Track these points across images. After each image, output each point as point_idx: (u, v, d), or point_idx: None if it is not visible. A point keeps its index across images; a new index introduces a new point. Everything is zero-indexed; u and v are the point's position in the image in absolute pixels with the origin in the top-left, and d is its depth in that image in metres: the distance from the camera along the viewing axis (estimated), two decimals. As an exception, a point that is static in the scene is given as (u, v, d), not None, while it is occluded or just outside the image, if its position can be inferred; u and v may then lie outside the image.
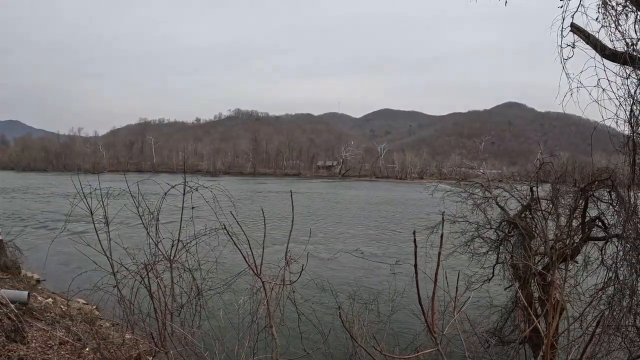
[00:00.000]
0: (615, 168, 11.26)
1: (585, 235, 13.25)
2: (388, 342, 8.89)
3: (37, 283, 21.61)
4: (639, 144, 8.23)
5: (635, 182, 8.52)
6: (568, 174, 14.37)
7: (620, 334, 9.05)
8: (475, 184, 16.36)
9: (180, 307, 6.61)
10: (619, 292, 9.21)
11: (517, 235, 14.51)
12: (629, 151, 8.29)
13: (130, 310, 6.53)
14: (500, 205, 15.35)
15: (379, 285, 20.49)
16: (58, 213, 47.86)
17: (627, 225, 9.15)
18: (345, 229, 45.93)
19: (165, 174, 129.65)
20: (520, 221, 14.39)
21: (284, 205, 63.93)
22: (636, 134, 8.15)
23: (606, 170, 12.26)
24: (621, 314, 9.08)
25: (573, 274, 13.32)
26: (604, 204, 13.06)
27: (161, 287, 6.37)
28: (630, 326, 9.02)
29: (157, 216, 6.72)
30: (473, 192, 15.71)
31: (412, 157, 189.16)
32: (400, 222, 52.09)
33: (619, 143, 8.48)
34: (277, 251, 5.95)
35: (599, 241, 13.05)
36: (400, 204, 76.11)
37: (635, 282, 9.03)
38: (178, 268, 6.68)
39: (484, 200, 15.53)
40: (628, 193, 9.10)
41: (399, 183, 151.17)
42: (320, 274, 21.31)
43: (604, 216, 13.10)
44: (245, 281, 6.14)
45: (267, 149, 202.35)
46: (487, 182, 16.18)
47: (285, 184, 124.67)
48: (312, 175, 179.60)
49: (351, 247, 34.78)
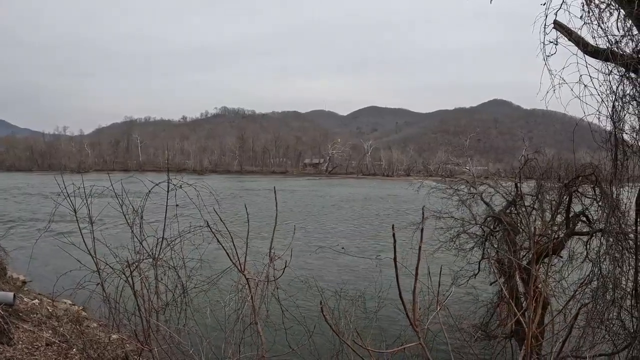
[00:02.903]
0: (598, 164, 11.37)
1: (570, 230, 13.38)
2: (375, 337, 8.91)
3: (24, 284, 21.45)
4: (621, 140, 8.32)
5: (618, 177, 8.62)
6: (553, 170, 14.48)
7: (605, 327, 9.15)
8: (461, 181, 16.46)
9: (165, 305, 6.58)
10: (602, 285, 9.30)
11: (502, 231, 14.61)
12: (611, 147, 8.38)
13: (116, 309, 6.49)
14: (486, 201, 15.46)
15: (364, 281, 20.53)
16: (43, 213, 47.45)
17: (610, 220, 9.25)
18: (330, 225, 46.09)
19: (152, 172, 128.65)
20: (505, 217, 14.50)
21: (271, 203, 63.83)
22: (618, 130, 8.24)
23: (590, 166, 12.39)
24: (604, 307, 9.18)
25: (559, 268, 13.45)
26: (588, 200, 13.21)
27: (146, 286, 6.34)
28: (614, 319, 9.11)
29: (141, 214, 6.68)
30: (458, 189, 15.81)
31: (399, 154, 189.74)
32: (386, 218, 52.35)
33: (601, 139, 8.57)
34: (262, 248, 5.96)
35: (584, 236, 13.18)
36: (387, 200, 76.35)
37: (619, 275, 9.12)
38: (163, 266, 6.66)
39: (470, 197, 15.64)
40: (610, 188, 9.19)
41: (385, 180, 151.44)
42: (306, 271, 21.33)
43: (588, 211, 13.24)
44: (230, 278, 6.12)
45: (254, 146, 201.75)
46: (472, 179, 16.29)
47: (271, 182, 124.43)
48: (299, 173, 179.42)
49: (335, 243, 34.89)
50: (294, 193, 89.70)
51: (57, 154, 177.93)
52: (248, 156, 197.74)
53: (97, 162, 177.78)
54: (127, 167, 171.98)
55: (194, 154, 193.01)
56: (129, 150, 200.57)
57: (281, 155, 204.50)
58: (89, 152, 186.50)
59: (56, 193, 6.76)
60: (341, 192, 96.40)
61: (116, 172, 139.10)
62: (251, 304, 5.38)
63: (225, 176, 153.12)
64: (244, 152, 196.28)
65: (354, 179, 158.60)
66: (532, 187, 14.86)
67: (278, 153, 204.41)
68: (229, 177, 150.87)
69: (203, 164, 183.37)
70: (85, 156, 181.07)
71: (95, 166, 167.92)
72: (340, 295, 10.57)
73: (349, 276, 24.39)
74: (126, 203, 6.69)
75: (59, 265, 21.71)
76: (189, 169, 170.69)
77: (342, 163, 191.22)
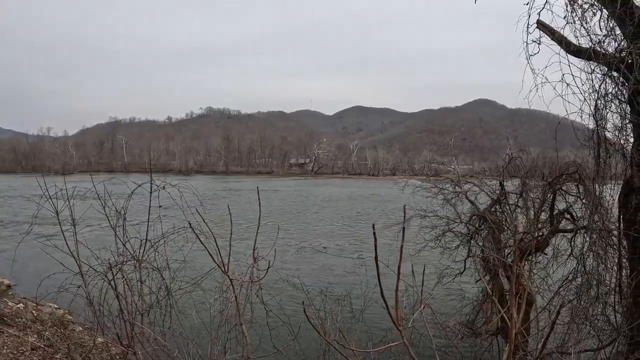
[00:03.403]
0: (582, 162, 11.47)
1: (554, 228, 13.48)
2: (360, 337, 8.95)
3: (8, 288, 21.17)
4: (604, 138, 8.41)
5: (600, 175, 8.71)
6: (537, 168, 14.58)
7: (589, 323, 9.23)
8: (446, 180, 16.52)
9: (149, 308, 6.52)
10: (586, 282, 9.38)
11: (487, 229, 14.69)
12: (593, 145, 8.47)
13: (100, 312, 6.42)
14: (470, 199, 15.53)
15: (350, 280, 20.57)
16: (25, 215, 46.96)
17: (593, 217, 9.33)
18: (313, 225, 46.11)
19: (137, 173, 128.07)
20: (490, 215, 14.57)
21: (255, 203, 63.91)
22: (600, 128, 8.32)
23: (573, 164, 12.50)
24: (589, 303, 9.25)
25: (544, 265, 13.56)
26: (572, 197, 13.32)
27: (129, 288, 6.29)
28: (599, 315, 9.19)
29: (124, 216, 6.62)
30: (443, 188, 15.86)
31: (384, 153, 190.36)
32: (367, 217, 52.56)
33: (584, 137, 8.66)
34: (246, 248, 5.94)
35: (568, 233, 13.29)
36: (371, 200, 76.52)
37: (603, 272, 9.20)
38: (147, 268, 6.60)
39: (455, 195, 15.70)
40: (593, 186, 9.27)
41: (371, 180, 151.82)
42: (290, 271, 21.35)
43: (572, 209, 13.35)
44: (214, 279, 6.09)
45: (239, 147, 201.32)
46: (457, 178, 16.35)
47: (257, 183, 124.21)
48: (285, 173, 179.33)
49: (317, 242, 34.93)
50: (277, 193, 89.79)
51: (41, 155, 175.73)
52: (233, 157, 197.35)
53: (81, 164, 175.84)
54: (112, 168, 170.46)
55: (180, 154, 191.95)
56: (113, 151, 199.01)
57: (267, 155, 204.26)
58: (74, 153, 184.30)
59: (39, 195, 6.69)
60: (326, 191, 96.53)
61: (101, 173, 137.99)
62: (235, 305, 5.36)
63: (211, 177, 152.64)
64: (229, 153, 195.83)
65: (340, 178, 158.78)
66: (517, 185, 14.96)
67: (264, 153, 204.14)
68: (215, 177, 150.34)
69: (188, 164, 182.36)
70: (70, 157, 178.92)
71: (79, 167, 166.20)
72: (326, 295, 10.57)
73: (334, 275, 24.39)
74: (109, 205, 6.62)
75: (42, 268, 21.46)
76: (175, 169, 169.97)
77: (327, 163, 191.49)
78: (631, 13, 7.68)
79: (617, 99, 8.22)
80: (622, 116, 8.30)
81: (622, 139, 8.35)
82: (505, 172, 15.12)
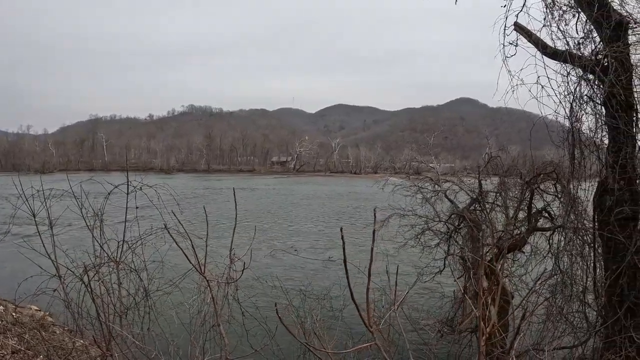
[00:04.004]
0: (559, 162, 11.62)
1: (532, 226, 13.66)
2: (341, 336, 8.98)
3: (-15, 291, 20.91)
4: (579, 140, 8.56)
5: (576, 175, 8.86)
6: (518, 167, 14.75)
7: (565, 321, 9.37)
8: (426, 179, 16.66)
9: (126, 310, 6.50)
10: (561, 281, 9.51)
11: (466, 228, 14.84)
12: (569, 146, 8.61)
13: (79, 314, 6.37)
14: (450, 198, 15.67)
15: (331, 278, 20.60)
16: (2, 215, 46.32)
17: (568, 217, 9.47)
18: (295, 225, 46.15)
19: (117, 172, 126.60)
20: (469, 214, 14.71)
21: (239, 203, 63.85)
22: (575, 130, 8.47)
23: (551, 163, 12.69)
24: (564, 301, 9.39)
25: (522, 263, 13.73)
26: (550, 196, 13.52)
27: (108, 290, 6.27)
28: (576, 312, 9.33)
29: (102, 217, 6.59)
30: (423, 187, 15.98)
31: (367, 152, 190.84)
32: (349, 216, 52.83)
33: (559, 139, 8.81)
34: (224, 248, 5.95)
35: (546, 231, 13.47)
36: (352, 198, 76.62)
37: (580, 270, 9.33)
38: (125, 269, 6.57)
39: (434, 194, 15.83)
40: (568, 186, 9.41)
41: (353, 178, 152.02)
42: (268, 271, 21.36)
43: (550, 207, 13.54)
44: (192, 280, 6.09)
45: (221, 145, 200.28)
46: (437, 177, 16.49)
47: (239, 181, 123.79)
48: (267, 171, 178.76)
49: (290, 242, 34.95)
50: (256, 191, 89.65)
51: (21, 154, 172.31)
52: (215, 155, 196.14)
53: (61, 162, 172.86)
54: (92, 166, 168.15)
55: (161, 152, 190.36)
56: (94, 150, 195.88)
57: (249, 153, 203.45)
58: (53, 152, 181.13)
59: (16, 195, 6.62)
60: (306, 190, 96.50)
61: (81, 171, 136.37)
62: (213, 305, 5.37)
63: (193, 175, 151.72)
64: (211, 151, 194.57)
65: (322, 176, 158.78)
66: (496, 184, 15.12)
67: (245, 151, 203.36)
68: (196, 176, 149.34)
69: (170, 163, 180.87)
70: (50, 156, 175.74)
71: (59, 166, 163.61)
72: (306, 295, 10.61)
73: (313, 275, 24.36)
74: (86, 206, 6.58)
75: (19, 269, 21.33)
76: (156, 168, 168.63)
77: (309, 161, 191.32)
78: (608, 17, 7.82)
79: (593, 101, 8.37)
80: (597, 118, 8.45)
81: (597, 140, 8.50)
82: (485, 171, 15.28)
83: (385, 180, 18.38)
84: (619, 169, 7.81)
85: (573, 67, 8.30)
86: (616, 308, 8.00)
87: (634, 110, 8.07)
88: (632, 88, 8.01)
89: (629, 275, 7.84)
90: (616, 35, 7.85)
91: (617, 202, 8.00)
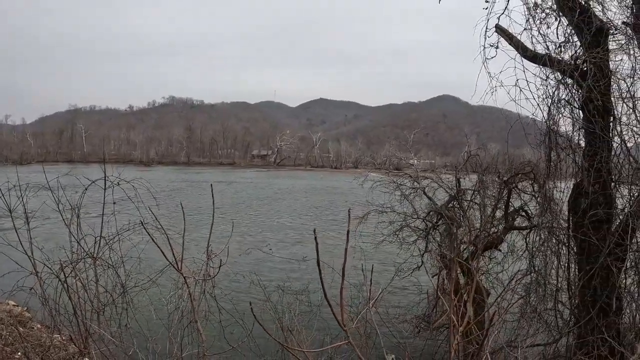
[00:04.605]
0: (537, 162, 11.77)
1: (509, 225, 13.84)
2: (318, 331, 9.02)
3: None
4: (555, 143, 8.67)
5: (551, 178, 8.98)
6: (497, 165, 14.89)
7: (538, 319, 9.51)
8: (405, 175, 16.76)
9: (104, 307, 6.44)
10: (535, 280, 9.63)
11: (444, 225, 14.98)
12: (545, 148, 8.73)
13: (57, 311, 6.30)
14: (428, 195, 15.80)
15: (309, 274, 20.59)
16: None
17: (543, 218, 9.59)
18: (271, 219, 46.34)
19: (96, 164, 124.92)
20: (447, 211, 14.84)
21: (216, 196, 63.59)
22: (552, 133, 8.58)
23: (529, 163, 12.86)
24: (538, 300, 9.52)
25: (499, 261, 13.90)
26: (528, 195, 13.71)
27: (85, 286, 6.21)
28: (550, 309, 9.46)
29: (78, 213, 6.51)
30: (402, 183, 16.08)
31: (347, 146, 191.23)
32: (315, 211, 53.34)
33: (536, 141, 8.93)
34: (202, 241, 5.95)
35: (523, 230, 13.66)
36: (333, 193, 76.83)
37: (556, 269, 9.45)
38: (102, 265, 6.51)
39: (413, 191, 15.94)
40: (544, 190, 9.53)
41: (333, 172, 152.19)
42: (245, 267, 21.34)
43: (527, 207, 13.73)
44: (170, 276, 6.06)
45: (202, 137, 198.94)
46: (416, 174, 16.61)
47: (219, 174, 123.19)
48: (247, 165, 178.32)
49: (267, 244, 34.95)
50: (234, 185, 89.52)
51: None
52: (196, 147, 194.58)
53: (40, 153, 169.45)
54: (71, 158, 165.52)
55: (141, 144, 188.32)
56: (73, 141, 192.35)
57: (229, 146, 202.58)
58: (32, 143, 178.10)
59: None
60: (285, 184, 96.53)
61: (60, 163, 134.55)
62: (190, 302, 5.37)
63: (172, 167, 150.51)
64: (191, 143, 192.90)
65: (302, 170, 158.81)
66: (475, 182, 15.27)
67: (226, 144, 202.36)
68: (176, 168, 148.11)
69: (150, 155, 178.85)
70: (28, 147, 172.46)
71: (38, 157, 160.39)
72: (284, 290, 10.62)
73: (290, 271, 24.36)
74: (63, 201, 6.50)
75: None
76: (136, 160, 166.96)
77: (290, 155, 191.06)
78: (589, 22, 7.91)
79: (570, 105, 8.48)
80: (575, 122, 8.56)
81: (574, 143, 8.62)
82: (464, 169, 15.43)
83: (364, 177, 18.45)
84: (594, 173, 7.94)
85: (552, 71, 8.41)
86: (589, 308, 8.14)
87: (610, 115, 8.21)
88: (609, 94, 8.14)
89: (601, 276, 7.98)
90: (596, 41, 7.95)
91: (592, 204, 8.12)
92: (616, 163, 8.43)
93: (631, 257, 8.20)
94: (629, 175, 8.38)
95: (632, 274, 8.32)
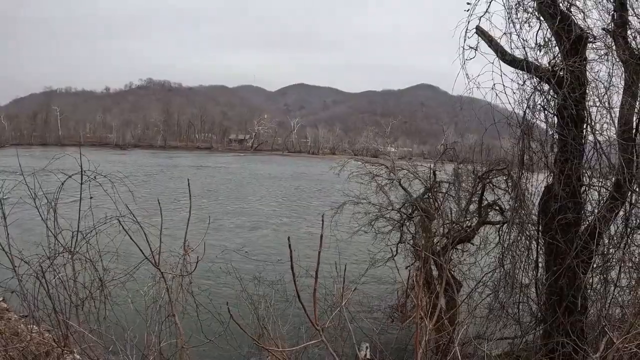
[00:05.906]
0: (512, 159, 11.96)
1: (482, 219, 14.08)
2: (293, 322, 9.15)
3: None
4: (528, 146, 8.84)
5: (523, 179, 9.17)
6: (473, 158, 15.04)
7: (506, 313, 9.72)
8: (381, 166, 16.91)
9: (82, 301, 6.43)
10: (504, 275, 9.78)
11: (418, 216, 15.18)
12: (519, 151, 8.88)
13: (35, 306, 6.27)
14: (404, 187, 15.97)
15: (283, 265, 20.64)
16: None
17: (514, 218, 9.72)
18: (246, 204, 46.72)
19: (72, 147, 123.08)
20: (422, 203, 15.05)
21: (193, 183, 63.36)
22: (526, 136, 8.73)
23: (503, 160, 13.06)
24: (508, 295, 9.72)
25: (472, 252, 14.12)
26: (501, 190, 13.94)
27: (63, 282, 6.21)
28: (519, 304, 9.68)
29: (55, 208, 6.48)
30: (378, 174, 16.23)
31: (325, 132, 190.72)
32: (298, 199, 53.71)
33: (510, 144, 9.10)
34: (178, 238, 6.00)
35: (496, 225, 13.89)
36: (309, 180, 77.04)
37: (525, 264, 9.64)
38: (80, 260, 6.49)
39: (389, 182, 16.10)
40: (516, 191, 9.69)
41: (310, 158, 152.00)
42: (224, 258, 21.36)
43: (501, 201, 13.96)
44: (148, 270, 6.09)
45: (179, 121, 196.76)
46: (392, 165, 16.76)
47: (196, 158, 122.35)
48: (224, 149, 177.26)
49: (243, 246, 34.93)
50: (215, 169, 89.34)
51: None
52: (173, 131, 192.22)
53: (14, 136, 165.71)
54: (45, 141, 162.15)
55: (117, 127, 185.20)
56: (48, 123, 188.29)
57: (207, 130, 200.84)
58: (5, 125, 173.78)
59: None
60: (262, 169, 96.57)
61: (34, 146, 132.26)
62: (167, 296, 5.42)
63: (149, 151, 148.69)
64: (168, 127, 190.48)
65: (279, 155, 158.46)
66: (450, 173, 15.46)
67: (203, 128, 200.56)
68: (153, 152, 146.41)
69: (126, 138, 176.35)
70: (2, 129, 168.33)
71: (12, 140, 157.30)
72: (259, 280, 10.72)
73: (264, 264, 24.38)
74: (39, 195, 6.46)
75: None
76: (111, 143, 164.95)
77: (268, 140, 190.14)
78: (569, 30, 8.03)
79: (545, 111, 8.63)
80: (549, 127, 8.74)
81: (546, 149, 8.78)
82: (441, 161, 15.63)
83: (341, 166, 18.55)
84: (564, 179, 8.13)
85: (530, 76, 8.54)
86: (555, 306, 8.38)
87: (584, 123, 8.39)
88: (584, 102, 8.31)
89: (568, 276, 8.20)
90: (575, 49, 8.08)
91: (561, 208, 8.31)
92: (587, 169, 8.63)
93: (597, 260, 8.42)
94: (599, 181, 8.60)
95: (597, 274, 8.55)
